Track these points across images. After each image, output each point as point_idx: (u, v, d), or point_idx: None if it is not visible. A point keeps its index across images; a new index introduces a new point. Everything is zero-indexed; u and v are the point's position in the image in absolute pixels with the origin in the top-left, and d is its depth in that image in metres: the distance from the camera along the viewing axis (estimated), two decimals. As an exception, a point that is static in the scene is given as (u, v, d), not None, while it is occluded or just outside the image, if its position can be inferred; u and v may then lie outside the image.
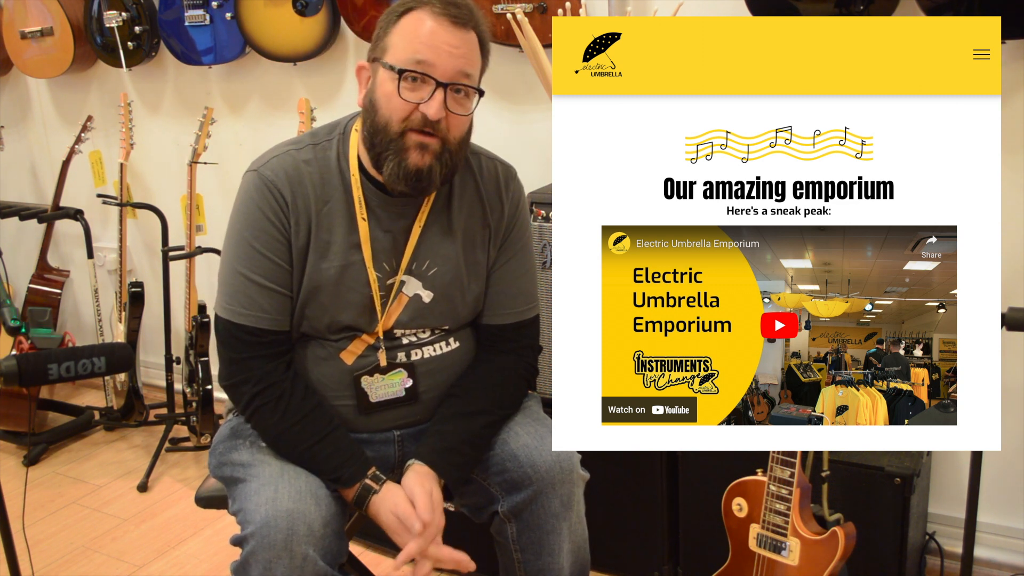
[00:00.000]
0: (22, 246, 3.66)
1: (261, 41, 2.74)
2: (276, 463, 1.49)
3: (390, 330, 1.58)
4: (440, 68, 1.42)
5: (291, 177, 1.50)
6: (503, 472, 1.56)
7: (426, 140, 1.45)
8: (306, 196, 1.51)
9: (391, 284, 1.56)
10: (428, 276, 1.58)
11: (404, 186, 1.47)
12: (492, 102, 2.55)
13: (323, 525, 1.42)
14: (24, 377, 1.39)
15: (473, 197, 1.61)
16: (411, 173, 1.46)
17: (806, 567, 1.62)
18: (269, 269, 1.51)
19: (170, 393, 3.16)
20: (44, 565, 2.45)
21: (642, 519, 2.13)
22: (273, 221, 1.50)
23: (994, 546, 2.16)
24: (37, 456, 3.08)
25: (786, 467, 1.62)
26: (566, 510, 1.55)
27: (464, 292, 1.61)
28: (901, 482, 1.82)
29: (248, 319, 1.51)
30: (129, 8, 2.95)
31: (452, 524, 1.69)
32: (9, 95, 3.58)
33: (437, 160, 1.46)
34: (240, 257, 1.51)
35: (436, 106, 1.42)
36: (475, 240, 1.61)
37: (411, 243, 1.56)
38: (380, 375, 1.58)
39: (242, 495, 1.47)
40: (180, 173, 2.99)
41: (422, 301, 1.58)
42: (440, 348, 1.62)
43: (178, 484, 2.88)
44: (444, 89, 1.43)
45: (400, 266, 1.56)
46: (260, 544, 1.38)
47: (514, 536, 1.58)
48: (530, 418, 1.62)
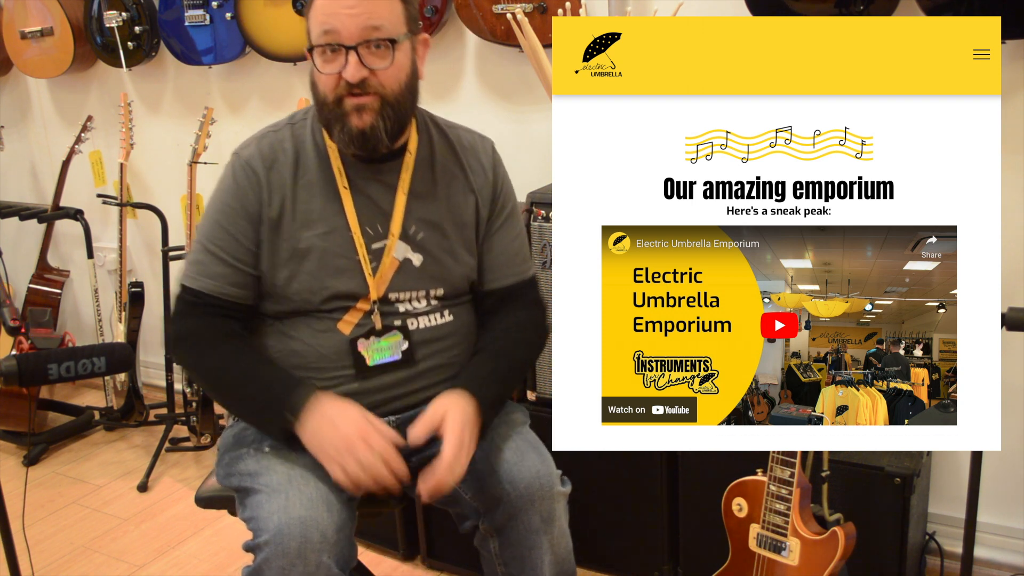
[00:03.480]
0: (22, 246, 3.66)
1: (261, 41, 2.74)
2: (283, 469, 1.49)
3: (384, 296, 1.60)
4: (344, 33, 1.46)
5: (265, 156, 1.57)
6: (482, 490, 1.55)
7: (360, 101, 1.49)
8: (281, 172, 1.57)
9: (379, 249, 1.59)
10: (416, 240, 1.61)
11: (355, 148, 1.53)
12: (492, 102, 2.55)
13: (336, 531, 1.41)
14: (24, 377, 1.40)
15: (453, 163, 1.65)
16: (356, 135, 1.51)
17: (806, 567, 1.62)
18: (228, 243, 1.56)
19: (170, 393, 3.15)
20: (44, 565, 2.45)
21: (642, 519, 2.13)
22: (241, 198, 1.56)
23: (994, 546, 2.16)
24: (37, 456, 3.08)
25: (786, 467, 1.62)
26: (547, 525, 1.54)
27: (455, 255, 1.64)
28: (901, 482, 1.82)
29: (197, 284, 1.57)
30: (129, 8, 2.95)
31: (453, 524, 1.69)
32: (9, 95, 3.58)
33: (379, 116, 1.50)
34: (207, 230, 1.59)
35: (352, 69, 1.47)
36: (460, 203, 1.64)
37: (397, 208, 1.60)
38: (376, 337, 1.60)
39: (253, 503, 1.47)
40: (180, 173, 2.99)
41: (412, 265, 1.61)
42: (435, 319, 1.64)
43: (178, 484, 2.88)
44: (355, 51, 1.46)
45: (388, 230, 1.59)
46: (275, 552, 1.37)
47: (496, 551, 1.58)
48: (513, 431, 1.61)
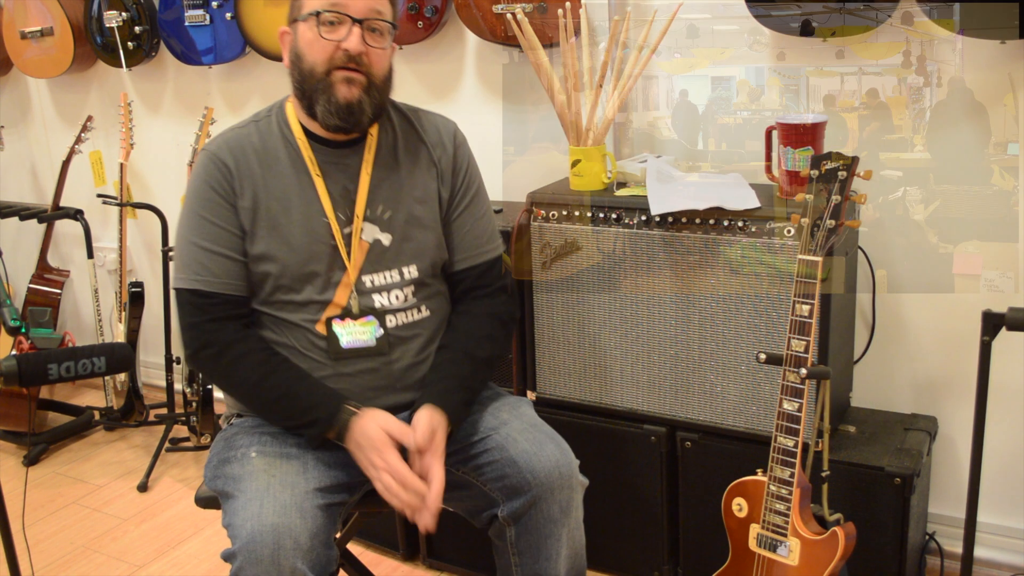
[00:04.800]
0: (22, 246, 3.66)
1: (261, 41, 2.74)
2: (263, 476, 1.49)
3: (359, 280, 1.62)
4: (353, 6, 1.51)
5: (233, 148, 1.60)
6: (503, 478, 1.56)
7: (351, 74, 1.54)
8: (249, 163, 1.60)
9: (348, 233, 1.61)
10: (384, 220, 1.64)
11: (338, 120, 1.55)
12: (492, 102, 2.55)
13: (310, 537, 1.42)
14: (24, 377, 1.39)
15: (416, 141, 1.69)
16: (342, 107, 1.54)
17: (806, 567, 1.62)
18: (215, 234, 1.58)
19: (170, 393, 3.15)
20: (44, 565, 2.45)
21: (642, 519, 2.13)
22: (216, 190, 1.58)
23: (994, 546, 2.15)
24: (37, 456, 3.08)
25: (786, 467, 1.62)
26: (564, 516, 1.56)
27: (422, 227, 1.66)
28: (901, 482, 1.82)
29: (200, 283, 1.57)
30: (129, 8, 2.95)
31: (452, 524, 1.70)
32: (9, 95, 3.58)
33: (365, 93, 1.55)
34: (190, 227, 1.60)
35: (356, 40, 1.52)
36: (424, 179, 1.67)
37: (361, 189, 1.62)
38: (351, 320, 1.61)
39: (231, 510, 1.48)
40: (180, 173, 2.99)
41: (382, 245, 1.64)
42: (412, 315, 1.65)
43: (178, 484, 2.88)
44: (360, 25, 1.51)
45: (354, 213, 1.62)
46: (247, 559, 1.38)
47: (512, 540, 1.59)
48: (527, 424, 1.63)
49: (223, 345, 1.57)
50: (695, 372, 1.99)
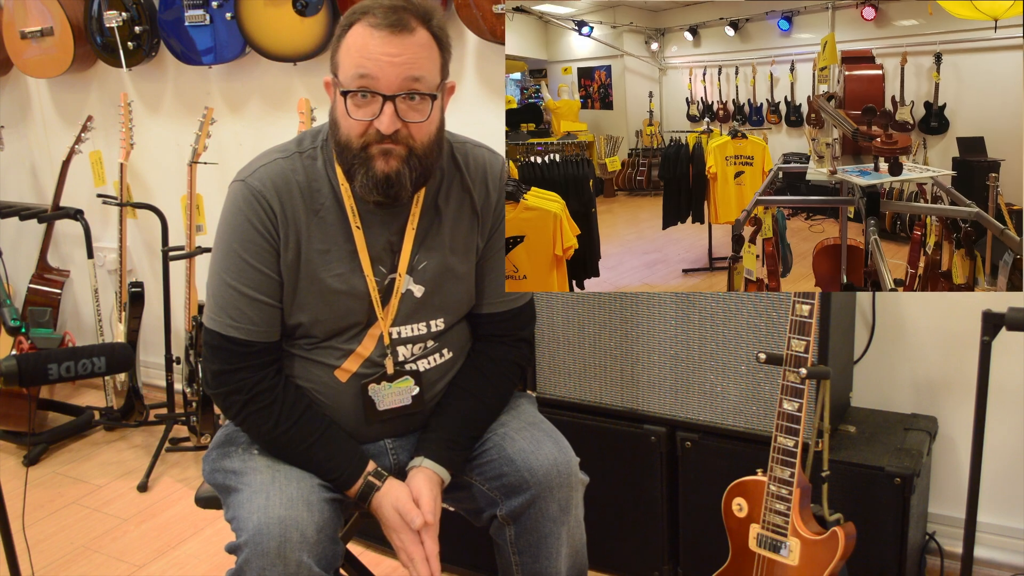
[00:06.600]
0: (22, 246, 3.66)
1: (261, 41, 2.74)
2: (267, 471, 1.49)
3: (390, 334, 1.58)
4: (384, 81, 1.38)
5: (279, 187, 1.49)
6: (501, 476, 1.56)
7: (389, 146, 1.43)
8: (294, 206, 1.50)
9: (388, 287, 1.57)
10: (418, 271, 1.58)
11: (377, 195, 1.45)
12: (492, 102, 2.55)
13: (317, 531, 1.41)
14: (24, 377, 1.39)
15: (460, 188, 1.60)
16: (380, 180, 1.43)
17: (806, 567, 1.62)
18: (257, 280, 1.50)
19: (170, 393, 3.15)
20: (44, 565, 2.45)
21: (642, 519, 2.13)
22: (261, 232, 1.49)
23: (994, 546, 2.15)
24: (37, 456, 3.08)
25: (786, 467, 1.62)
26: (564, 514, 1.56)
27: (455, 279, 1.61)
28: (901, 482, 1.82)
29: (238, 331, 1.51)
30: (129, 8, 2.95)
31: (452, 524, 1.69)
32: (9, 95, 3.58)
33: (405, 164, 1.44)
34: (228, 268, 1.51)
35: (387, 120, 1.40)
36: (464, 231, 1.61)
37: (405, 246, 1.55)
38: (387, 383, 1.58)
39: (235, 503, 1.47)
40: (180, 173, 2.99)
41: (414, 296, 1.58)
42: (436, 359, 1.62)
43: (178, 484, 2.88)
44: (392, 101, 1.39)
45: (397, 267, 1.56)
46: (254, 552, 1.38)
47: (512, 539, 1.58)
48: (525, 422, 1.62)
49: (253, 394, 1.52)
50: (695, 372, 1.99)
